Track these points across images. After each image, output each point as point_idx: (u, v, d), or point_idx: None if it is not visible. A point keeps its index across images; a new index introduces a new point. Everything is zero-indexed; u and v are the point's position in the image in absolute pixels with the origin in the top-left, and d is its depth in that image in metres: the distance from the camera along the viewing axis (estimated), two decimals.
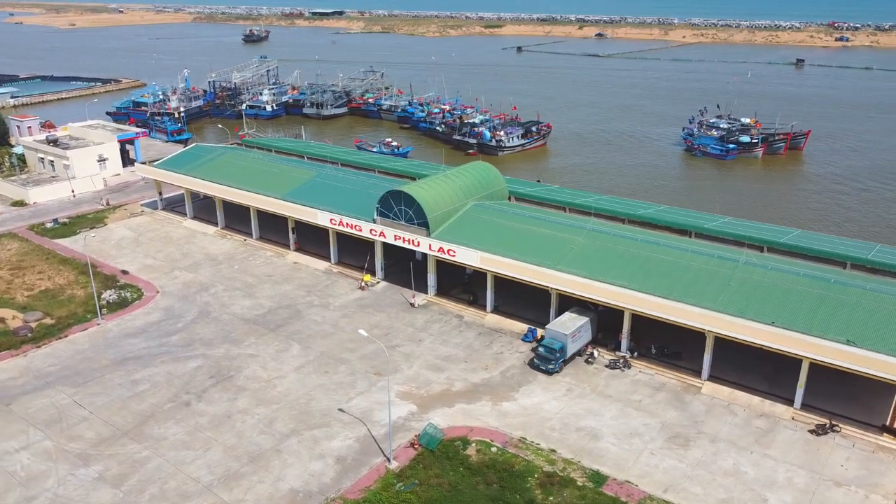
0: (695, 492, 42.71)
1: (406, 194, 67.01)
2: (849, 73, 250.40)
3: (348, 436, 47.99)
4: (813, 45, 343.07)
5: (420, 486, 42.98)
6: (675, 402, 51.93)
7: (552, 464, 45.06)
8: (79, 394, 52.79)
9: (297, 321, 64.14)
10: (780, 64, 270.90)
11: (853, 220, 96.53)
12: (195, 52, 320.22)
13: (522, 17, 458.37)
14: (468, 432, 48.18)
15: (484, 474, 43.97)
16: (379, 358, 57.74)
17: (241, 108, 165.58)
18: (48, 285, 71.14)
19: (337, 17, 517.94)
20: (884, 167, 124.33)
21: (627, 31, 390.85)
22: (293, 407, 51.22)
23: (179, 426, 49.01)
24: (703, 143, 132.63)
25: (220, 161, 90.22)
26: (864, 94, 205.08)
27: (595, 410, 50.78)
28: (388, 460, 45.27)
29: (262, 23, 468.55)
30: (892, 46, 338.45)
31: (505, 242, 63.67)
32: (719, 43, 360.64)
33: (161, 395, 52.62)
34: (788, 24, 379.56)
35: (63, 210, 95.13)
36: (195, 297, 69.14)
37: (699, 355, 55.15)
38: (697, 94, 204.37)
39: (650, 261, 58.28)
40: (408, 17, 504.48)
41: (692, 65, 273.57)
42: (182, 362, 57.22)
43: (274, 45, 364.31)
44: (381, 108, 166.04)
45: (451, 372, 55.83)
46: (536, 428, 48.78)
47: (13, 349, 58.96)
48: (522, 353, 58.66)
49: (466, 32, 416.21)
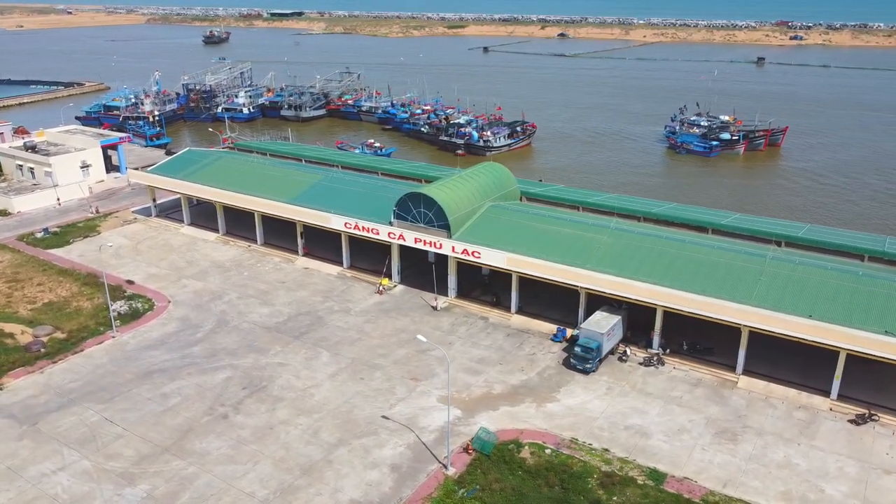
0: (753, 486, 43.19)
1: (426, 196, 66.34)
2: (808, 70, 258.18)
3: (398, 443, 47.18)
4: (769, 43, 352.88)
5: (482, 492, 42.47)
6: (714, 397, 52.50)
7: (608, 463, 45.06)
8: (108, 410, 50.73)
9: (320, 328, 62.88)
10: (742, 62, 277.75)
11: (844, 214, 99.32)
12: (156, 55, 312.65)
13: (484, 18, 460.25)
14: (518, 435, 47.86)
15: (544, 477, 43.70)
16: (412, 362, 57.05)
17: (217, 111, 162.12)
18: (51, 298, 68.29)
19: (296, 17, 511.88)
20: (860, 162, 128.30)
21: (589, 30, 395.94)
22: (335, 416, 50.12)
23: (221, 440, 47.48)
24: (686, 141, 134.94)
25: (217, 166, 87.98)
26: (827, 91, 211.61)
27: (639, 408, 50.99)
28: (445, 467, 44.65)
29: (220, 24, 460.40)
30: (843, 45, 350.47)
31: (529, 243, 63.51)
32: (679, 42, 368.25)
33: (195, 409, 50.92)
34: (744, 24, 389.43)
35: (50, 219, 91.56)
36: (209, 305, 67.22)
37: (728, 350, 56.06)
38: (668, 92, 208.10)
39: (678, 258, 58.83)
40: (369, 17, 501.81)
41: (657, 63, 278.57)
42: (210, 374, 55.51)
43: (235, 46, 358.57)
44: (361, 110, 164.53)
45: (487, 374, 55.43)
46: (585, 428, 48.74)
47: (27, 366, 56.37)
48: (555, 354, 58.61)
49: (430, 33, 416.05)
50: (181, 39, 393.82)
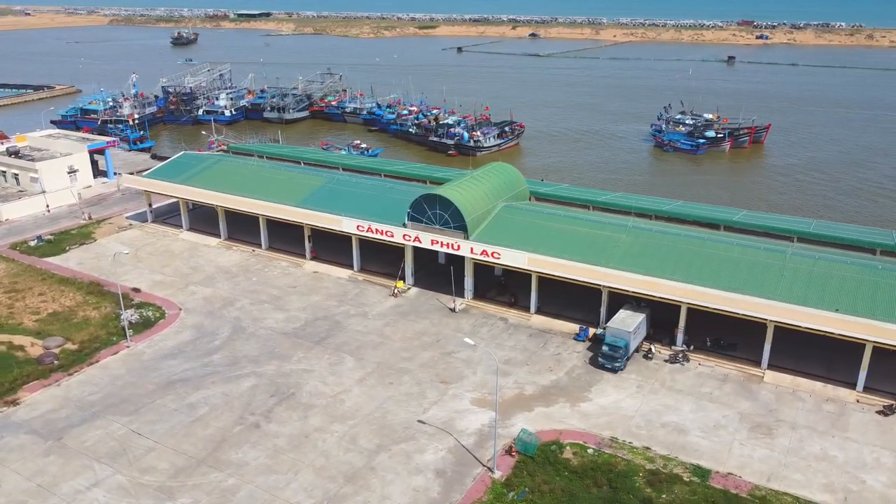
0: (796, 479, 43.71)
1: (442, 197, 65.88)
2: (778, 69, 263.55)
3: (438, 448, 46.69)
4: (736, 42, 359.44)
5: (532, 494, 42.25)
6: (743, 392, 53.07)
7: (651, 461, 45.20)
8: (134, 422, 49.25)
9: (339, 332, 61.99)
10: (713, 61, 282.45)
11: (831, 207, 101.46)
12: (123, 56, 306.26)
13: (455, 18, 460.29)
14: (558, 435, 47.74)
15: (591, 477, 43.64)
16: (438, 365, 56.60)
17: (199, 113, 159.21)
18: (55, 308, 66.13)
19: (264, 18, 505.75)
20: (841, 157, 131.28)
21: (560, 30, 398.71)
22: (370, 421, 49.41)
23: (257, 450, 46.44)
24: (673, 139, 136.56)
25: (216, 169, 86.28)
26: (798, 88, 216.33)
27: (672, 405, 51.29)
28: (491, 470, 44.31)
29: (186, 25, 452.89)
30: (807, 43, 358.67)
31: (548, 243, 63.51)
32: (649, 42, 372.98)
33: (225, 419, 49.73)
34: (711, 24, 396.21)
35: (40, 226, 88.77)
36: (222, 312, 65.81)
37: (750, 345, 56.80)
38: (644, 91, 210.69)
39: (700, 255, 59.39)
40: (338, 18, 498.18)
41: (630, 63, 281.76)
42: (234, 382, 54.29)
43: (204, 47, 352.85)
44: (346, 111, 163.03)
45: (517, 376, 55.22)
46: (623, 427, 48.84)
47: (42, 379, 54.46)
48: (580, 353, 58.67)
49: (401, 34, 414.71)
50: (148, 41, 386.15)
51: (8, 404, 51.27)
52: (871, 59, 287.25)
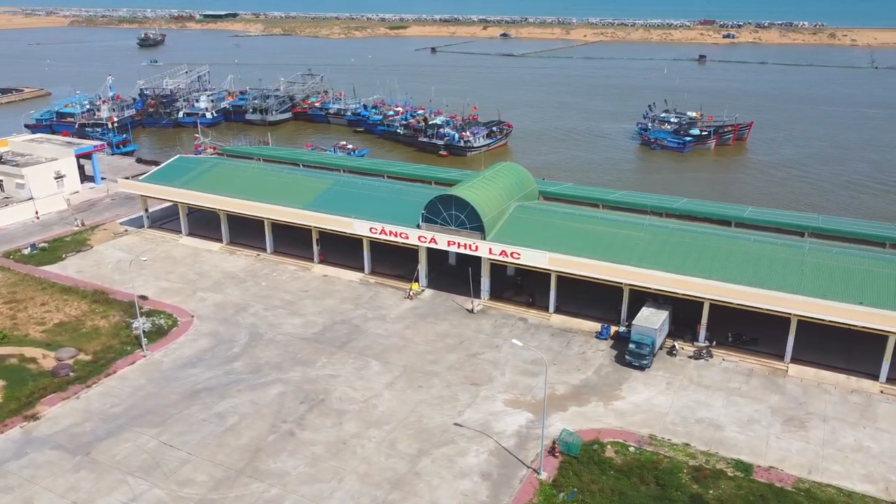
0: (836, 470, 44.34)
1: (458, 198, 65.48)
2: (748, 67, 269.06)
3: (479, 451, 46.29)
4: (704, 42, 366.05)
5: (581, 494, 42.13)
6: (770, 386, 53.72)
7: (693, 458, 45.45)
8: (163, 434, 47.87)
9: (360, 336, 61.18)
10: (685, 60, 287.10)
11: (822, 203, 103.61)
12: (90, 58, 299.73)
13: (425, 18, 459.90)
14: (597, 435, 47.72)
15: (637, 475, 43.68)
16: (466, 367, 56.20)
17: (179, 116, 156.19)
18: (61, 318, 64.03)
19: (230, 19, 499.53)
20: (822, 154, 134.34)
21: (531, 30, 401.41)
22: (406, 426, 48.79)
23: (295, 458, 45.49)
24: (659, 137, 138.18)
25: (214, 173, 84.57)
26: (770, 86, 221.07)
27: (703, 401, 51.68)
28: (537, 471, 44.09)
29: (150, 26, 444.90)
30: (772, 42, 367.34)
31: (565, 242, 63.51)
32: (619, 41, 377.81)
33: (257, 427, 48.63)
34: (679, 23, 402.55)
35: (31, 234, 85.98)
36: (236, 318, 64.46)
37: (770, 340, 57.62)
38: (621, 90, 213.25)
39: (720, 251, 59.99)
40: (307, 19, 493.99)
41: (604, 62, 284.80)
42: (260, 390, 53.16)
43: (172, 49, 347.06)
44: (329, 112, 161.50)
45: (546, 376, 55.03)
46: (659, 424, 49.03)
47: (60, 391, 52.62)
48: (604, 351, 58.82)
49: (371, 34, 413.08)
50: (113, 42, 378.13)
51: (28, 419, 49.41)
52: (835, 58, 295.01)
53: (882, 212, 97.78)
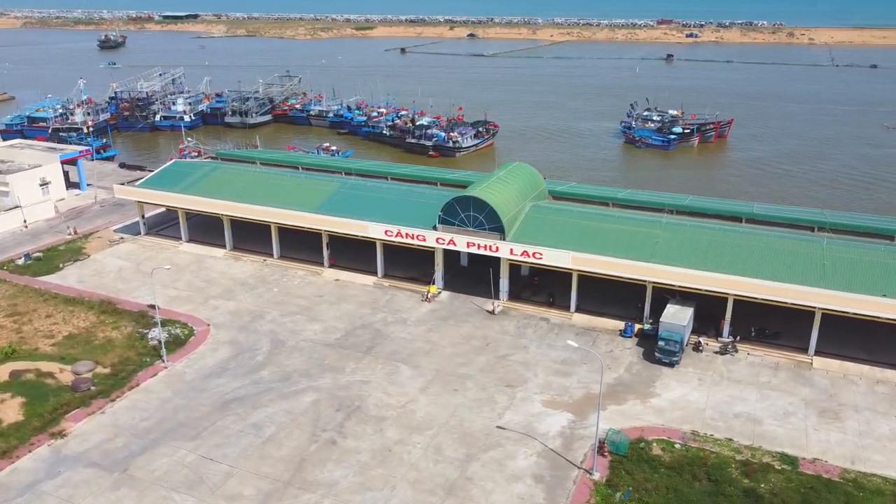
0: (878, 460, 45.23)
1: (476, 199, 65.11)
2: (715, 66, 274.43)
3: (527, 453, 46.02)
4: (668, 41, 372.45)
5: (636, 493, 42.16)
6: (798, 379, 54.63)
7: (738, 452, 45.89)
8: (201, 447, 46.44)
9: (385, 341, 60.36)
10: (653, 59, 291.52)
11: (811, 197, 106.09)
12: (49, 61, 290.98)
13: (390, 19, 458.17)
14: (641, 433, 47.87)
15: (688, 471, 43.89)
16: (497, 369, 55.88)
17: (156, 119, 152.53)
18: (70, 330, 61.73)
19: (191, 20, 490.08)
20: (801, 150, 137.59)
21: (497, 31, 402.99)
22: (449, 430, 48.25)
23: (342, 467, 44.58)
24: (644, 136, 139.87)
25: (215, 177, 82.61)
26: (739, 84, 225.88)
27: (738, 396, 52.26)
28: (589, 472, 44.01)
29: (107, 27, 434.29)
30: (734, 41, 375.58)
31: (584, 241, 63.67)
32: (585, 41, 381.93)
33: (297, 437, 47.54)
34: (643, 23, 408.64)
35: (21, 243, 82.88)
36: (254, 326, 63.02)
37: (791, 333, 58.67)
38: (598, 89, 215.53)
39: (741, 247, 60.78)
40: (270, 19, 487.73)
41: (575, 62, 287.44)
42: (293, 398, 52.00)
43: (134, 50, 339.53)
44: (311, 114, 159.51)
45: (578, 375, 55.11)
46: (699, 420, 49.42)
47: (83, 407, 50.67)
48: (631, 349, 59.10)
49: (338, 35, 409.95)
50: (72, 44, 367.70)
51: (55, 436, 47.45)
52: (796, 56, 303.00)
53: (865, 206, 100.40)
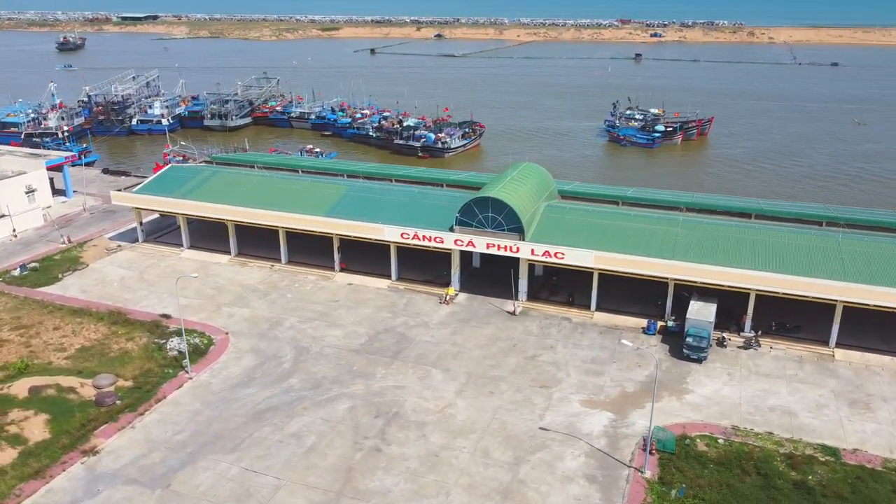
0: None
1: (495, 199, 64.89)
2: (683, 65, 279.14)
3: (575, 453, 45.93)
4: (633, 41, 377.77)
5: (690, 489, 42.38)
6: (824, 371, 55.68)
7: (780, 445, 46.51)
8: (242, 460, 45.21)
9: (411, 345, 59.68)
10: (621, 59, 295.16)
11: (799, 192, 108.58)
12: (7, 64, 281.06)
13: (356, 19, 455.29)
14: (683, 429, 48.18)
15: (737, 466, 44.27)
16: (529, 370, 55.69)
17: (133, 123, 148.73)
18: (82, 342, 59.57)
19: (151, 21, 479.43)
20: (779, 146, 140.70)
21: (464, 31, 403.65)
22: (492, 434, 47.89)
23: (392, 475, 43.86)
24: (628, 134, 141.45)
25: (216, 182, 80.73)
26: (709, 83, 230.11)
27: (769, 390, 53.02)
28: (640, 470, 44.12)
29: (62, 29, 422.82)
30: (697, 41, 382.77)
31: (605, 240, 63.95)
32: (551, 41, 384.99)
33: (340, 445, 46.63)
34: (608, 23, 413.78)
35: (13, 254, 79.86)
36: (273, 333, 61.70)
37: (811, 327, 59.89)
38: (573, 88, 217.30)
39: (760, 243, 61.72)
40: (233, 20, 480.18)
41: (545, 62, 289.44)
42: (328, 406, 51.02)
43: (95, 53, 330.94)
44: (292, 116, 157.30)
45: (610, 374, 55.29)
46: (736, 415, 49.96)
47: (111, 422, 48.91)
48: (657, 347, 59.52)
49: (303, 36, 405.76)
50: (28, 46, 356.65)
51: (86, 454, 45.67)
52: (760, 55, 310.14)
53: (848, 200, 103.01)
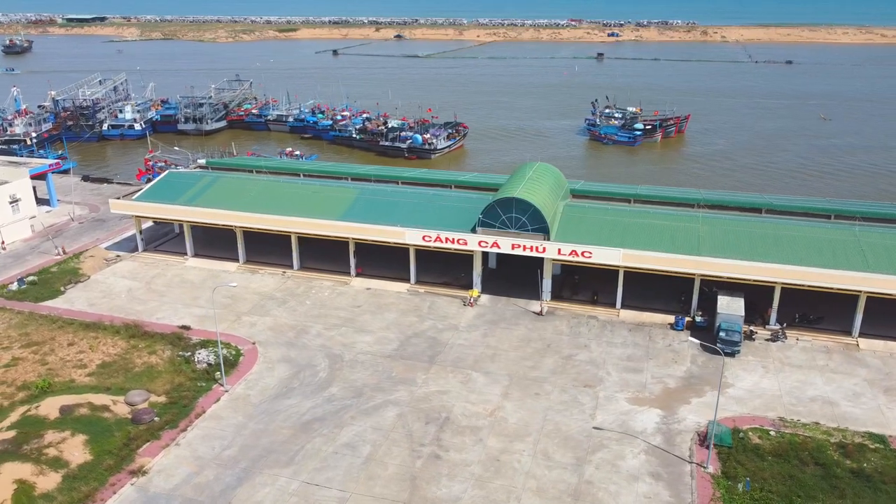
0: None
1: (519, 200, 64.74)
2: (644, 63, 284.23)
3: (634, 452, 46.05)
4: (591, 41, 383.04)
5: (755, 482, 42.89)
6: (852, 360, 57.16)
7: (830, 435, 47.51)
8: (301, 473, 43.93)
9: (444, 349, 59.02)
10: (584, 58, 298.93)
11: (786, 187, 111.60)
12: None
13: (313, 20, 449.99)
14: (734, 423, 48.78)
15: (794, 457, 44.97)
16: (569, 369, 55.67)
17: (104, 128, 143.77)
18: (102, 358, 57.07)
19: (99, 23, 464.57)
20: (753, 142, 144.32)
21: (424, 31, 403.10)
22: (548, 435, 47.65)
23: (457, 482, 43.22)
24: (609, 133, 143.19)
25: (219, 188, 78.52)
26: (673, 80, 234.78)
27: (805, 380, 54.16)
28: (703, 466, 44.47)
29: (3, 32, 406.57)
30: (652, 40, 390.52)
31: (630, 238, 64.43)
32: (511, 41, 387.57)
33: (397, 454, 45.75)
34: (566, 22, 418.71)
35: (5, 267, 76.24)
36: (301, 341, 60.25)
37: (830, 317, 61.55)
38: (544, 88, 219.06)
39: (780, 238, 63.02)
40: (185, 22, 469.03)
41: (510, 61, 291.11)
42: (375, 414, 50.02)
43: (44, 56, 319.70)
44: (269, 119, 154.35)
45: (649, 371, 55.66)
46: (779, 406, 50.86)
47: (154, 439, 46.97)
48: (687, 342, 60.18)
49: (260, 37, 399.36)
50: None
51: (135, 474, 43.72)
52: (717, 53, 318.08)
53: (827, 194, 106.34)
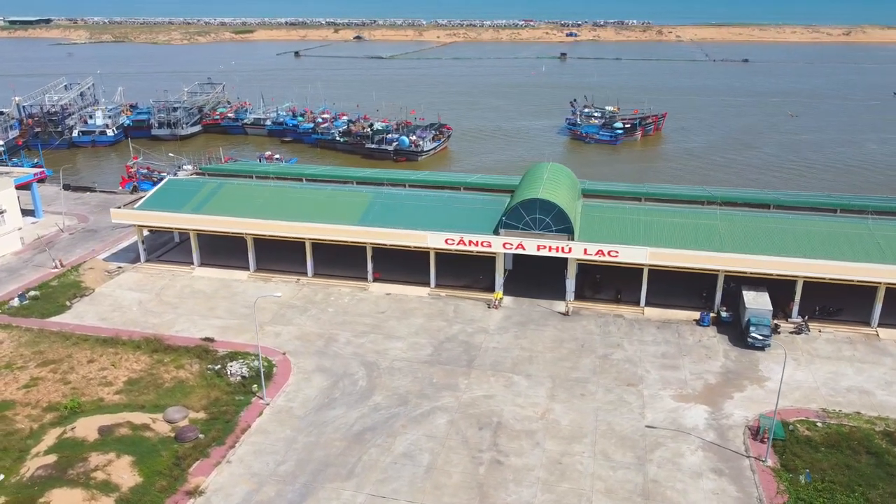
0: None
1: (543, 201, 64.78)
2: (607, 63, 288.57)
3: (691, 448, 46.45)
4: (550, 41, 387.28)
5: (814, 474, 43.68)
6: (876, 351, 58.85)
7: (873, 424, 48.76)
8: (364, 485, 42.94)
9: (479, 353, 58.58)
10: (547, 58, 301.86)
11: (757, 182, 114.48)
12: None
13: (269, 22, 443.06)
14: (780, 416, 49.56)
15: (847, 447, 45.96)
16: (608, 368, 55.88)
17: (74, 135, 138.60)
18: (127, 374, 54.84)
19: (44, 25, 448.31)
20: (728, 139, 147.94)
21: (383, 32, 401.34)
22: (604, 436, 47.69)
23: (524, 487, 42.87)
24: (591, 132, 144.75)
25: (226, 194, 76.36)
26: (639, 80, 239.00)
27: (837, 371, 55.53)
28: (761, 459, 45.12)
29: None
30: (609, 40, 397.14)
31: (653, 236, 65.15)
32: (472, 41, 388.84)
33: (458, 461, 45.13)
34: (524, 23, 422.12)
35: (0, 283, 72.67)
36: (332, 350, 59.01)
37: (847, 309, 63.38)
38: (515, 88, 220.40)
39: (798, 233, 64.52)
40: (136, 24, 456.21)
41: (475, 62, 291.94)
42: (424, 422, 49.28)
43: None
44: (246, 123, 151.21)
45: (687, 368, 56.27)
46: (819, 398, 51.99)
47: (203, 458, 45.30)
48: (716, 338, 61.07)
49: (216, 39, 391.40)
50: None
51: (191, 495, 42.06)
52: (675, 52, 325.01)
53: (807, 188, 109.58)
